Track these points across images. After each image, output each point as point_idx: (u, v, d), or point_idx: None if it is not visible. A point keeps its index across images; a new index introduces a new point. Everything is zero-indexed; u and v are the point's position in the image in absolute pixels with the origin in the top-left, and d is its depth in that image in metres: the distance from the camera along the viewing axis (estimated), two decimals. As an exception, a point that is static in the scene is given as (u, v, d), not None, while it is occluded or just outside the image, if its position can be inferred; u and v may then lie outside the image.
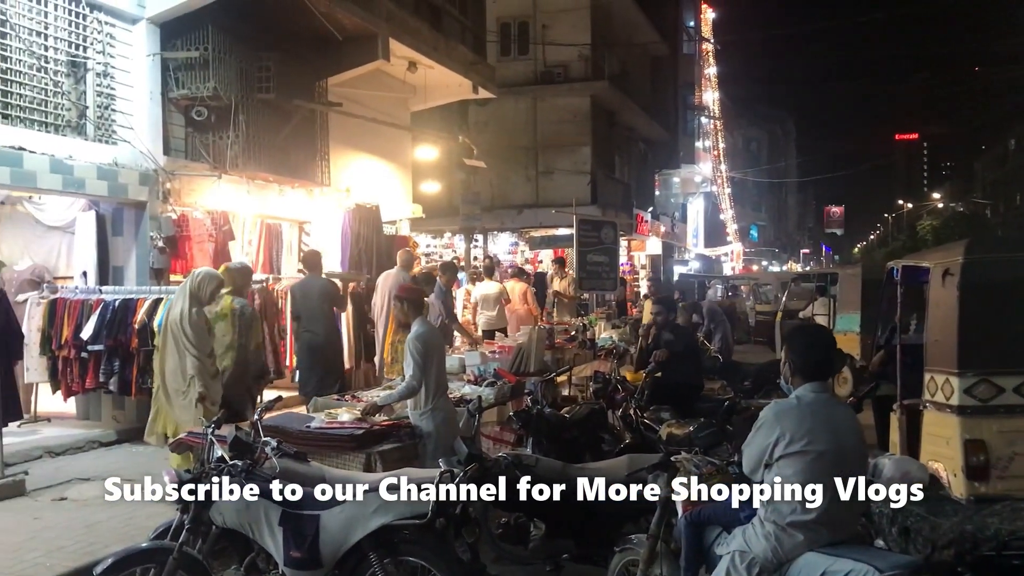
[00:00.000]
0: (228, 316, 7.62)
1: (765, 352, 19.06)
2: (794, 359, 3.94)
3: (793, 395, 3.90)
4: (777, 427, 3.77)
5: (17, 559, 5.65)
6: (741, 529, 3.93)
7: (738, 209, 55.97)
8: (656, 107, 32.81)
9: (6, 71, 8.58)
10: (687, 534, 4.29)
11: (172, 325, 7.06)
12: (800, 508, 3.68)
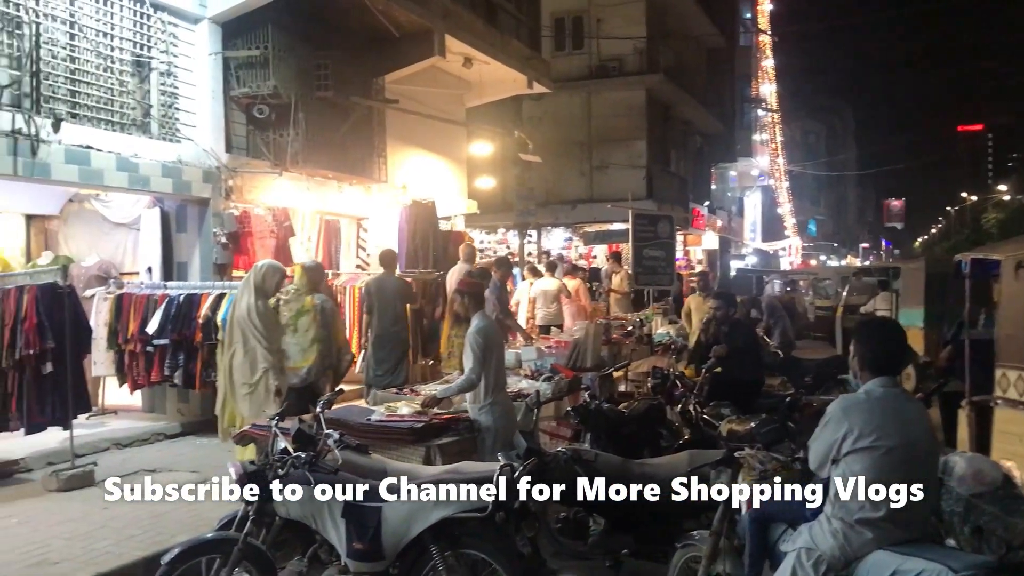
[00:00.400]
0: (311, 311, 7.75)
1: (825, 348, 18.74)
2: (863, 353, 3.86)
3: (862, 390, 3.82)
4: (845, 422, 3.70)
5: (87, 547, 5.80)
6: (807, 526, 3.86)
7: (796, 203, 55.12)
8: (712, 100, 32.46)
9: (74, 71, 8.79)
10: (751, 531, 4.22)
11: (240, 319, 7.20)
12: (869, 505, 3.60)
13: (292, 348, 7.65)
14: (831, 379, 9.40)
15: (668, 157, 28.57)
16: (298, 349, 7.64)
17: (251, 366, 7.15)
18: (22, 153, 8.01)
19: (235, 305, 7.43)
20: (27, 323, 7.53)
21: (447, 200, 14.90)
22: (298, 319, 7.69)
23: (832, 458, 3.73)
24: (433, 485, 4.49)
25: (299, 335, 7.62)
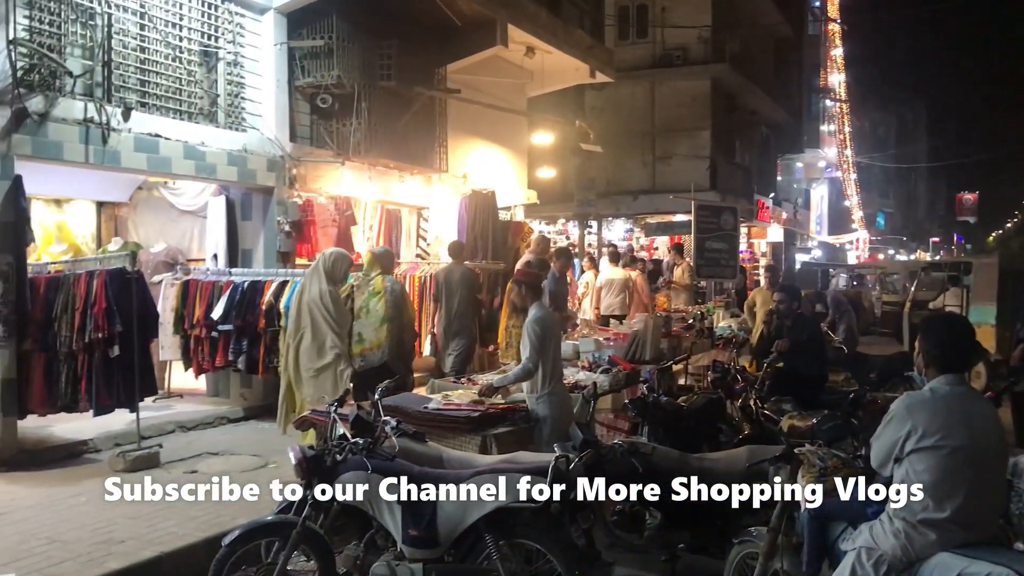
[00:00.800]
0: (381, 293, 8.22)
1: (891, 344, 18.37)
2: (929, 349, 3.75)
3: (927, 387, 3.72)
4: (909, 420, 3.60)
5: (151, 527, 5.93)
6: (868, 525, 3.78)
7: (864, 195, 53.96)
8: (779, 90, 31.90)
9: (144, 61, 8.97)
10: (810, 528, 4.15)
11: (311, 304, 7.48)
12: (933, 505, 3.51)
13: (367, 330, 8.14)
14: (897, 376, 9.20)
15: (733, 148, 28.18)
16: (371, 330, 8.13)
17: (319, 350, 7.39)
18: (93, 141, 8.21)
19: (302, 291, 7.66)
20: (96, 307, 7.73)
21: (507, 190, 14.89)
22: (369, 301, 8.20)
23: (895, 457, 3.64)
24: (488, 474, 4.51)
25: (372, 317, 8.11)
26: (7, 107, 7.49)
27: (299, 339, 7.50)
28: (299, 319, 7.54)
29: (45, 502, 6.49)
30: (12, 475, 7.23)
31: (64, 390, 7.87)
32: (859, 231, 50.88)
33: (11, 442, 7.58)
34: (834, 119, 44.82)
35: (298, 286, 7.97)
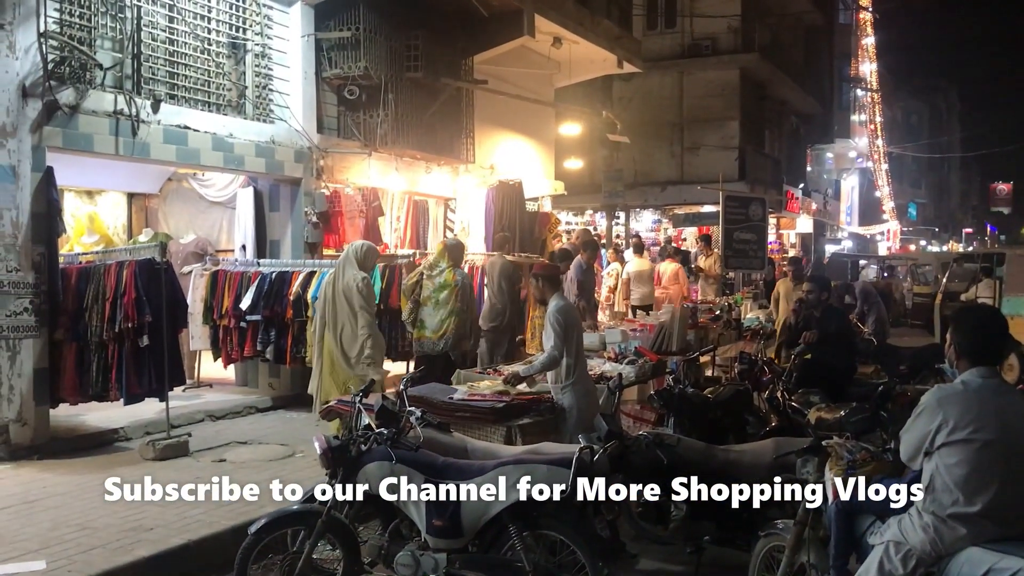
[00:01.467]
0: (451, 286, 8.73)
1: (923, 336, 18.17)
2: (961, 341, 3.70)
3: (958, 380, 3.66)
4: (940, 413, 3.55)
5: (180, 514, 6.00)
6: (896, 519, 3.73)
7: (895, 186, 53.29)
8: (809, 79, 31.57)
9: (173, 54, 9.03)
10: (837, 521, 4.10)
11: (346, 291, 7.61)
12: (963, 499, 3.46)
13: (430, 319, 8.73)
14: (927, 368, 9.08)
15: (762, 138, 27.95)
16: (436, 320, 8.70)
17: (355, 336, 7.59)
18: (123, 133, 8.29)
19: (334, 281, 7.76)
20: (126, 297, 7.81)
21: (534, 181, 14.87)
22: (440, 293, 8.71)
23: (925, 450, 3.59)
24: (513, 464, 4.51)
25: (439, 307, 8.67)
26: (38, 99, 7.57)
27: (340, 329, 7.63)
28: (335, 308, 7.66)
29: (76, 490, 6.58)
30: (45, 463, 7.34)
31: (95, 379, 7.97)
32: (890, 222, 50.29)
33: (43, 430, 7.69)
34: (865, 109, 44.29)
35: (328, 275, 8.06)
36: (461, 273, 8.90)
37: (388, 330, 10.34)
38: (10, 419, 7.40)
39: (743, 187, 22.98)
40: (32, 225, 7.57)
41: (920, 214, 64.43)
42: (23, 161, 7.49)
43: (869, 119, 44.62)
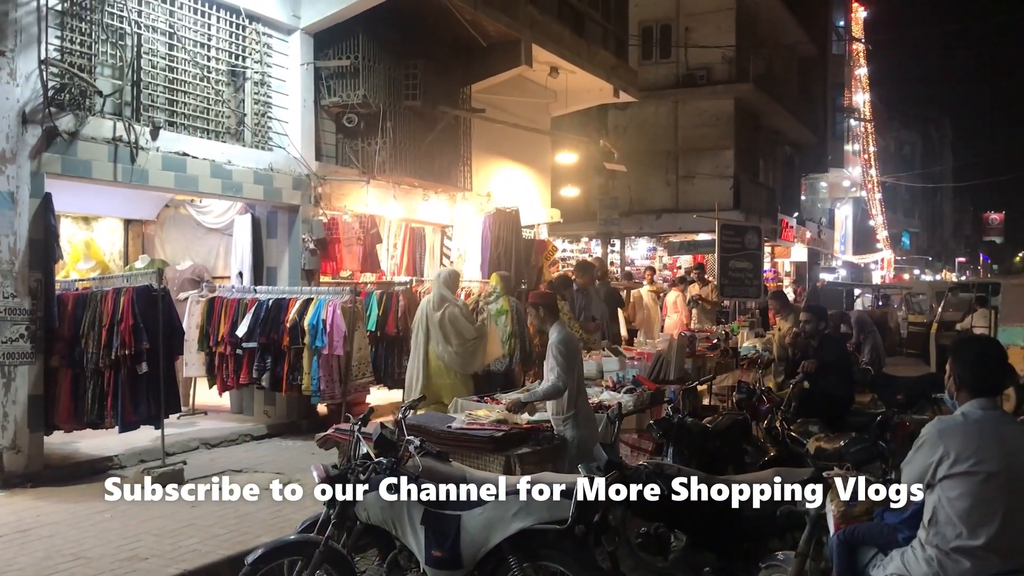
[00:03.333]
0: (508, 312, 9.72)
1: (918, 365, 18.18)
2: (960, 373, 3.69)
3: (959, 411, 3.65)
4: (940, 446, 3.53)
5: (175, 544, 5.95)
6: (900, 551, 3.71)
7: (889, 215, 53.53)
8: (803, 109, 31.80)
9: (172, 81, 9.08)
10: (839, 553, 4.08)
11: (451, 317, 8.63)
12: (967, 533, 3.44)
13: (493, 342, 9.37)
14: (924, 397, 9.09)
15: (756, 167, 28.09)
16: (497, 343, 9.49)
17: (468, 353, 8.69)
18: (122, 160, 8.30)
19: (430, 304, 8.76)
20: (123, 324, 7.78)
21: (531, 209, 14.92)
22: (498, 317, 9.61)
23: (927, 483, 3.57)
24: (513, 495, 4.49)
25: (499, 330, 9.55)
26: (38, 126, 7.59)
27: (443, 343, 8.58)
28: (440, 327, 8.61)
29: (70, 518, 6.52)
30: (38, 491, 7.28)
31: (91, 406, 7.91)
32: (884, 251, 50.48)
33: (37, 458, 7.64)
34: (859, 138, 44.57)
35: (425, 304, 8.94)
36: (514, 300, 9.95)
37: (385, 357, 10.35)
38: (4, 446, 7.35)
39: (738, 216, 23.06)
40: (29, 251, 7.56)
41: (913, 243, 64.66)
42: (22, 187, 7.49)
43: (863, 149, 44.90)
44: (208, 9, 9.43)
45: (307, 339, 9.07)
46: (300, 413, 10.15)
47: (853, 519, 4.08)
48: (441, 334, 8.62)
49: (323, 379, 9.13)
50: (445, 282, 8.88)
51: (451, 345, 8.64)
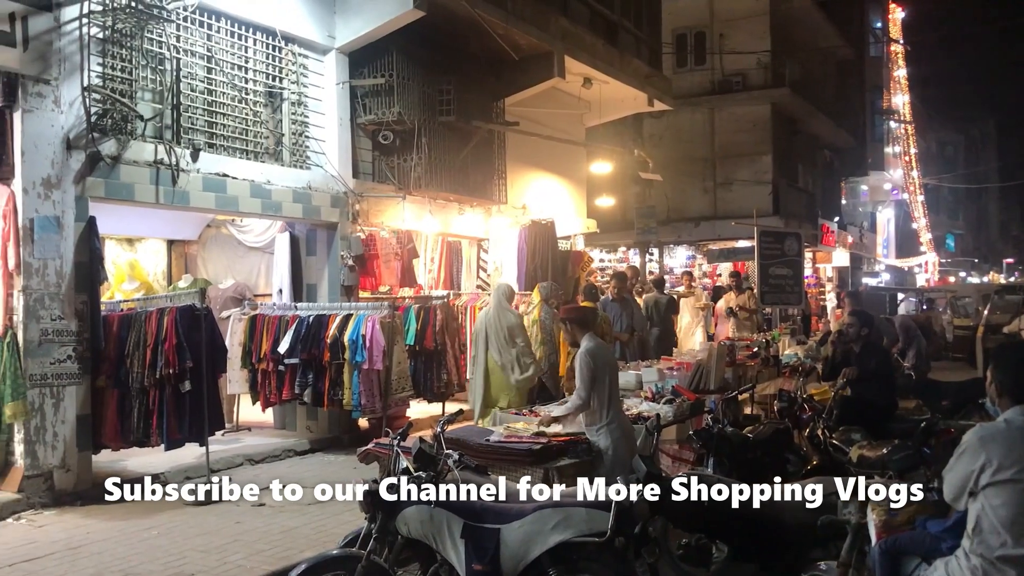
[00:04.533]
0: (537, 321, 9.95)
1: (964, 369, 17.86)
2: (1002, 379, 3.63)
3: (1001, 418, 3.59)
4: (983, 453, 3.48)
5: (221, 560, 6.03)
6: (943, 561, 3.65)
7: (932, 217, 52.68)
8: (842, 113, 31.46)
9: (211, 103, 9.25)
10: (882, 563, 4.03)
11: (509, 327, 9.02)
12: (1012, 541, 3.38)
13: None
14: (971, 403, 8.90)
15: (795, 172, 27.82)
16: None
17: (514, 360, 8.98)
18: (163, 182, 8.47)
19: (490, 316, 9.11)
20: (167, 343, 7.92)
21: (566, 219, 14.94)
22: (532, 327, 9.87)
23: (969, 491, 3.52)
24: (552, 507, 4.49)
25: (534, 339, 9.81)
26: (82, 151, 7.78)
27: (501, 352, 8.98)
28: (497, 336, 9.00)
29: (119, 535, 6.65)
30: (87, 508, 7.42)
31: (136, 425, 8.06)
32: (928, 254, 49.70)
33: (86, 476, 7.79)
34: (899, 140, 43.99)
35: (484, 315, 9.34)
36: (546, 309, 10.02)
37: (424, 370, 10.41)
38: (54, 465, 7.51)
39: (777, 222, 22.86)
40: (75, 274, 7.73)
41: (958, 245, 63.57)
42: (67, 212, 7.68)
43: (903, 151, 44.29)
44: (245, 32, 9.61)
45: (347, 354, 9.16)
46: (342, 428, 10.24)
47: (895, 528, 4.04)
48: (499, 342, 9.07)
49: (364, 393, 9.21)
50: (504, 294, 9.40)
51: (509, 353, 9.07)
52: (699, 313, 15.88)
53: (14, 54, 7.23)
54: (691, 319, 15.76)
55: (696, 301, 16.01)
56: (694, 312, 15.86)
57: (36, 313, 7.44)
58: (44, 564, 5.99)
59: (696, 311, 15.89)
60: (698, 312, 15.88)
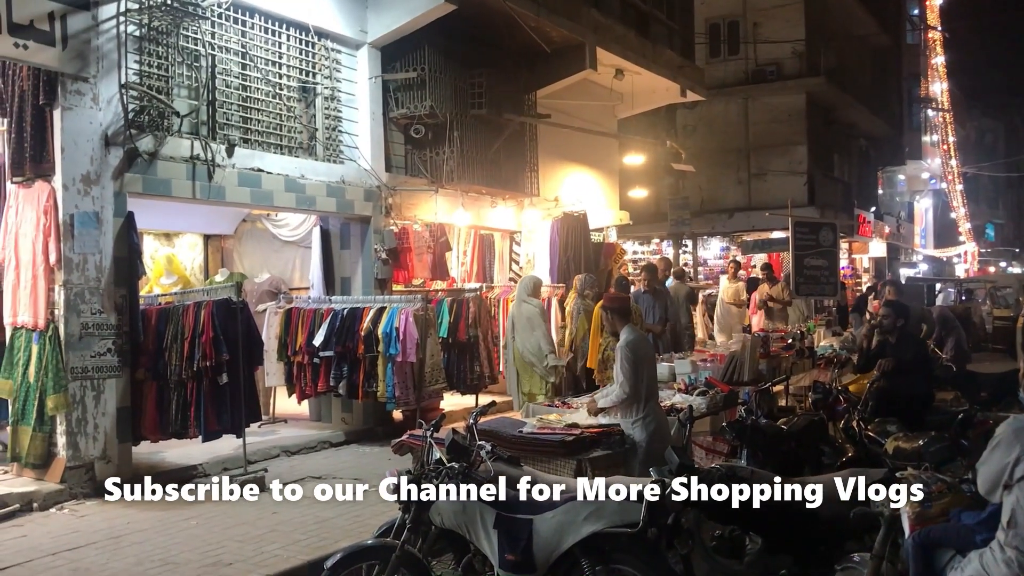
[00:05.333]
0: (569, 313, 10.83)
1: (1004, 360, 17.58)
2: (1038, 370, 3.61)
3: (1036, 409, 3.57)
4: (1017, 445, 3.46)
5: (258, 550, 6.12)
6: (978, 553, 3.63)
7: (972, 207, 51.81)
8: (878, 101, 31.03)
9: (247, 99, 9.35)
10: (915, 556, 4.00)
11: (530, 317, 9.84)
12: (1048, 534, 3.36)
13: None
14: (1010, 394, 8.80)
15: (831, 162, 27.52)
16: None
17: (539, 349, 9.71)
18: (200, 177, 8.58)
19: (515, 307, 10.05)
20: (204, 336, 8.03)
21: (599, 211, 14.91)
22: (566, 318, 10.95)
23: (1004, 483, 3.49)
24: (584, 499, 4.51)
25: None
26: (120, 148, 7.90)
27: (525, 342, 9.77)
28: (522, 326, 9.85)
29: (159, 525, 6.76)
30: (127, 499, 7.53)
31: (175, 417, 8.18)
32: (967, 244, 48.94)
33: (126, 467, 7.93)
34: (937, 129, 43.32)
35: (515, 307, 10.15)
36: (577, 301, 10.81)
37: (457, 363, 10.46)
38: (95, 456, 7.66)
39: (813, 212, 22.64)
40: (114, 268, 7.86)
41: (998, 234, 62.48)
42: (106, 207, 7.80)
43: (941, 139, 43.61)
44: (278, 28, 9.69)
45: (381, 347, 9.23)
46: (376, 420, 10.33)
47: (929, 520, 4.01)
48: (522, 333, 9.83)
49: (398, 386, 9.28)
50: (526, 287, 10.11)
51: (530, 342, 9.76)
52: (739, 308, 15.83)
53: (54, 53, 7.35)
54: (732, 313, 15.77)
55: (737, 295, 15.93)
56: (736, 303, 15.82)
57: (76, 307, 7.58)
58: (87, 553, 6.11)
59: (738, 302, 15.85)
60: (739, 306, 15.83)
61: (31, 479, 7.58)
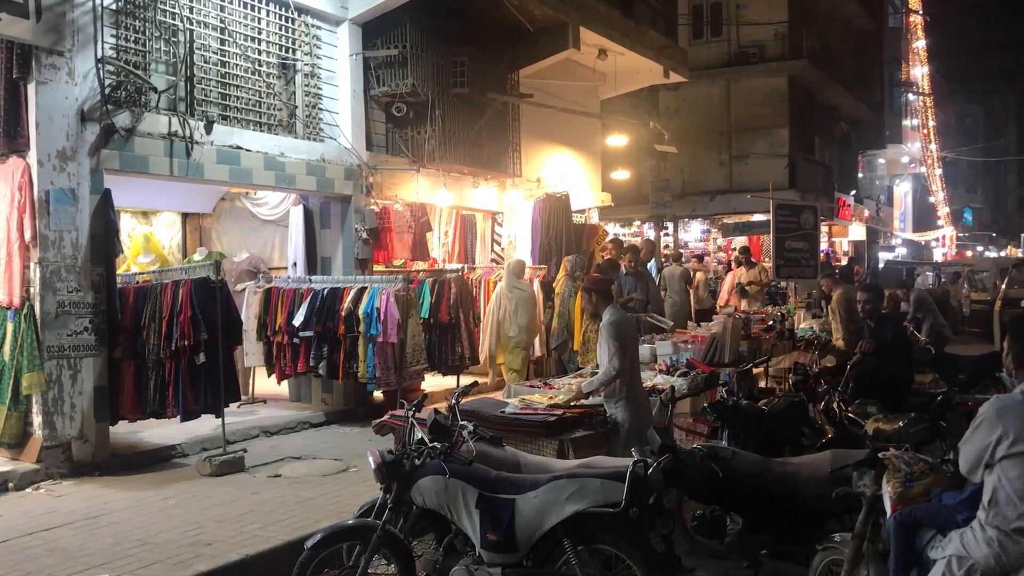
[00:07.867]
0: (560, 295, 10.86)
1: (981, 343, 17.76)
2: (1019, 351, 3.62)
3: (1018, 390, 3.58)
4: (999, 425, 3.47)
5: (238, 530, 6.08)
6: (959, 532, 3.65)
7: (950, 191, 52.26)
8: (859, 85, 31.13)
9: (225, 75, 9.22)
10: (897, 535, 4.02)
11: (518, 299, 10.53)
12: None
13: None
14: (987, 376, 8.87)
15: (812, 145, 27.61)
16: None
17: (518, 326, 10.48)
18: (177, 154, 8.46)
19: (502, 287, 10.73)
20: (182, 315, 7.93)
21: (581, 193, 14.87)
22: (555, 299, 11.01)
23: (986, 463, 3.51)
24: (566, 478, 4.50)
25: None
26: (96, 123, 7.77)
27: (507, 319, 10.52)
28: (509, 304, 10.55)
29: (136, 505, 6.70)
30: (105, 479, 7.49)
31: (153, 396, 8.09)
32: (945, 228, 49.35)
33: (104, 447, 7.85)
34: (917, 113, 43.54)
35: (499, 285, 10.89)
36: (568, 283, 10.74)
37: (438, 343, 10.43)
38: (72, 436, 7.57)
39: (793, 195, 22.73)
40: (91, 246, 7.75)
41: (976, 219, 63.06)
42: (82, 184, 7.68)
43: (922, 123, 43.87)
44: (258, 3, 9.55)
45: (362, 327, 9.17)
46: (357, 400, 10.29)
47: (910, 500, 4.03)
48: (509, 313, 10.48)
49: (378, 366, 9.23)
50: (513, 271, 10.69)
51: (516, 323, 10.45)
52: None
53: (27, 25, 7.19)
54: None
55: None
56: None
57: (53, 285, 7.47)
58: (63, 533, 6.05)
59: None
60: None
61: (6, 459, 7.50)
